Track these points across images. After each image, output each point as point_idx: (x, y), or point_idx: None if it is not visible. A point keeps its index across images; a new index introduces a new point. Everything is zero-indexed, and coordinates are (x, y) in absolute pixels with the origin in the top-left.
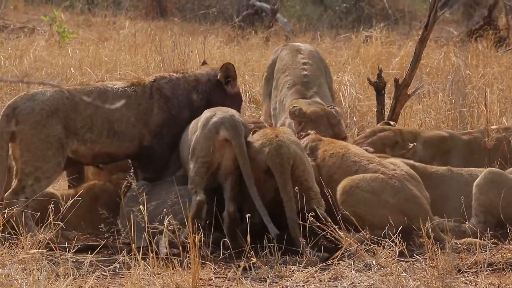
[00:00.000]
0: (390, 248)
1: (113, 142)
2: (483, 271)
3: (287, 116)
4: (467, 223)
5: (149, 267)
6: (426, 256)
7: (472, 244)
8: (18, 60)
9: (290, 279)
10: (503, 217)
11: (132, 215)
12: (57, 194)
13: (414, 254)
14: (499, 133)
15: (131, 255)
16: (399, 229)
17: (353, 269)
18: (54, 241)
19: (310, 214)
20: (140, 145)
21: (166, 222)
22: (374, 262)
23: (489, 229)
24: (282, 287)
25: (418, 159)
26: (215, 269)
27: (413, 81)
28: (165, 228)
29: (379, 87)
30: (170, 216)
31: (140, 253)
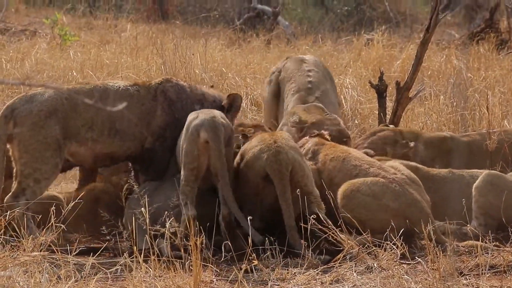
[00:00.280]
0: (392, 251)
1: (114, 142)
2: (485, 274)
3: (285, 123)
4: (469, 226)
5: (151, 270)
6: (428, 259)
7: (474, 247)
8: (20, 63)
9: (292, 282)
10: (504, 220)
11: (134, 218)
12: (60, 197)
13: (416, 257)
14: (501, 135)
15: (133, 258)
16: (401, 232)
17: (355, 272)
18: (56, 244)
19: (312, 217)
20: (142, 147)
21: (168, 225)
22: (376, 265)
23: (491, 232)
24: None
25: (420, 159)
26: (217, 272)
27: (415, 84)
28: (167, 231)
29: (381, 90)
30: (172, 219)
31: (142, 256)
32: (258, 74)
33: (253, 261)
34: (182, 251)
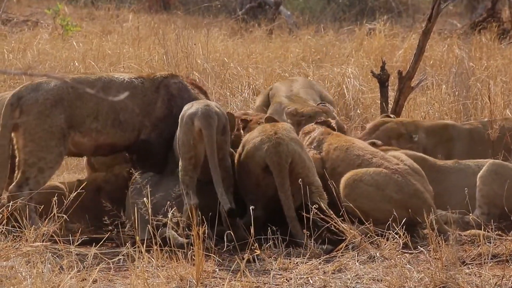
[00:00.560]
0: (394, 240)
1: (117, 133)
2: (487, 263)
3: (274, 113)
4: (471, 215)
5: (153, 260)
6: (430, 248)
7: (476, 236)
8: (22, 53)
9: (294, 271)
10: (507, 209)
11: (136, 207)
12: (62, 187)
13: (418, 246)
14: (502, 122)
15: (135, 248)
16: (403, 221)
17: (357, 261)
18: (58, 234)
19: (314, 206)
20: (138, 137)
21: (170, 215)
22: (378, 254)
23: (493, 221)
24: (286, 279)
25: (422, 148)
26: (219, 261)
27: (417, 74)
28: (169, 221)
29: (383, 80)
30: (174, 209)
31: (144, 246)
32: (260, 64)
33: (256, 251)
34: (185, 239)
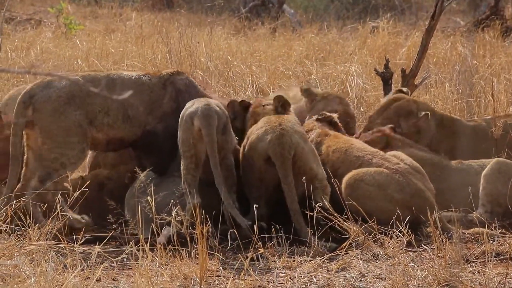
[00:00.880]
0: (398, 238)
1: (127, 127)
2: (491, 261)
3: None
4: (474, 213)
5: (157, 258)
6: (434, 246)
7: (480, 234)
8: (25, 52)
9: (298, 270)
10: (511, 207)
11: (140, 206)
12: (67, 185)
13: (422, 244)
14: (505, 119)
15: (139, 246)
16: (407, 220)
17: (361, 259)
18: (62, 232)
19: (318, 205)
20: (144, 131)
21: (174, 213)
22: (382, 252)
23: (496, 219)
24: (290, 278)
25: (429, 137)
26: (223, 260)
27: (420, 71)
28: (173, 219)
29: (386, 78)
30: (178, 207)
31: (148, 244)
32: (264, 62)
33: (259, 249)
34: (188, 237)
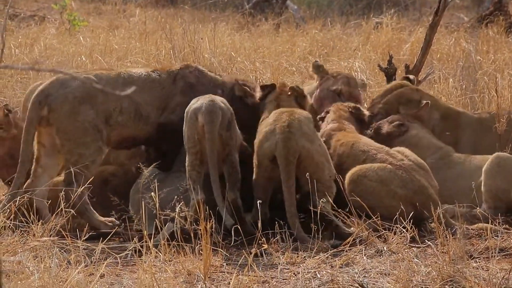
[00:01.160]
0: (402, 234)
1: (139, 125)
2: (495, 257)
3: None
4: (478, 209)
5: (161, 254)
6: (438, 242)
7: (484, 230)
8: (29, 48)
9: (302, 265)
10: None
11: (143, 202)
12: None
13: (426, 240)
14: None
15: (143, 242)
16: (410, 215)
17: (365, 255)
18: (66, 229)
19: (322, 200)
20: (157, 126)
21: (178, 209)
22: (386, 248)
23: (500, 215)
24: (294, 273)
25: (432, 128)
26: (227, 256)
27: (424, 67)
28: (177, 215)
29: (390, 73)
30: (182, 203)
31: (152, 240)
32: (267, 58)
33: (263, 245)
34: (192, 233)
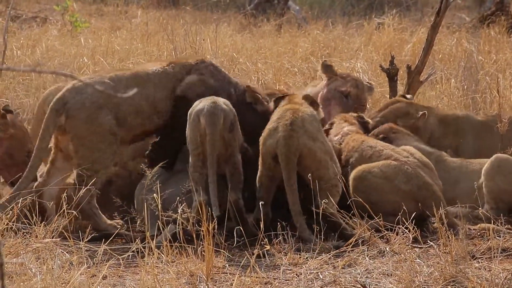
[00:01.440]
0: (404, 235)
1: (154, 120)
2: (497, 257)
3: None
4: (480, 209)
5: (163, 255)
6: (440, 242)
7: (486, 230)
8: (31, 50)
9: (304, 266)
10: None
11: (146, 203)
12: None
13: (428, 240)
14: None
15: (145, 244)
16: (413, 216)
17: (367, 256)
18: (68, 230)
19: (324, 201)
20: (169, 118)
21: (180, 210)
22: (388, 249)
23: (502, 215)
24: (296, 274)
25: (430, 134)
26: (229, 257)
27: (426, 68)
28: (179, 216)
29: (392, 74)
30: (184, 204)
31: (154, 241)
32: (269, 59)
33: (265, 246)
34: (194, 234)
